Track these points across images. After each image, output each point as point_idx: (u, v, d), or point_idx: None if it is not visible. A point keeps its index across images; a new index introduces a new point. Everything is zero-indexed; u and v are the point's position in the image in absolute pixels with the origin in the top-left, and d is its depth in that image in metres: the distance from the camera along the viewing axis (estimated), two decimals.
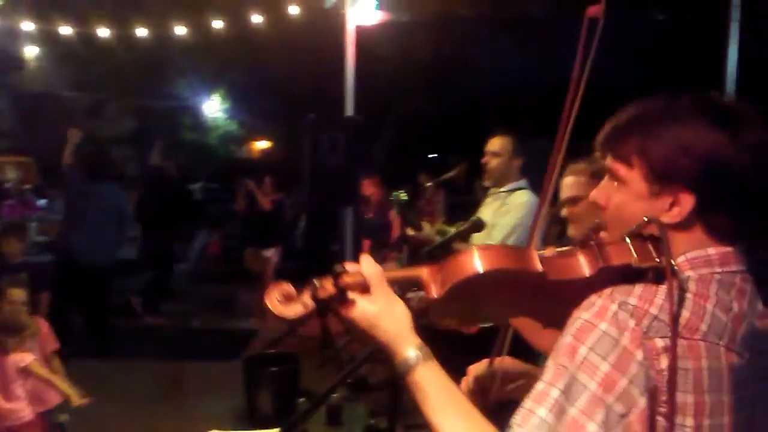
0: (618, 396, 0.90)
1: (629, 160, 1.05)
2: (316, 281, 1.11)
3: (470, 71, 9.65)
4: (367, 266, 1.09)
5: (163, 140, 9.37)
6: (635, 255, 1.00)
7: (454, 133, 11.04)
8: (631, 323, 0.94)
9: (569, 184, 2.27)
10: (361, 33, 5.78)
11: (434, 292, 1.05)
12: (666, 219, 1.01)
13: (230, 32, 6.57)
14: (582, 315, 0.97)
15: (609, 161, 1.10)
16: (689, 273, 1.00)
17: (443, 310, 1.10)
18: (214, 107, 16.37)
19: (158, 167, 8.34)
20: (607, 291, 0.98)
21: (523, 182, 3.59)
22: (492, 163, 3.54)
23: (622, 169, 1.06)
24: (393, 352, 1.06)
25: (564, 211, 2.28)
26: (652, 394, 0.91)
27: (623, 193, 1.07)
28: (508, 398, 1.41)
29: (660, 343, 0.92)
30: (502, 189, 3.58)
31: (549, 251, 1.08)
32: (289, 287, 1.14)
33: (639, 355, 0.91)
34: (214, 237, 10.13)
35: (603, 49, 1.27)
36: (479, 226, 2.43)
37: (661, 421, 0.92)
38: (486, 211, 3.51)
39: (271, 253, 7.43)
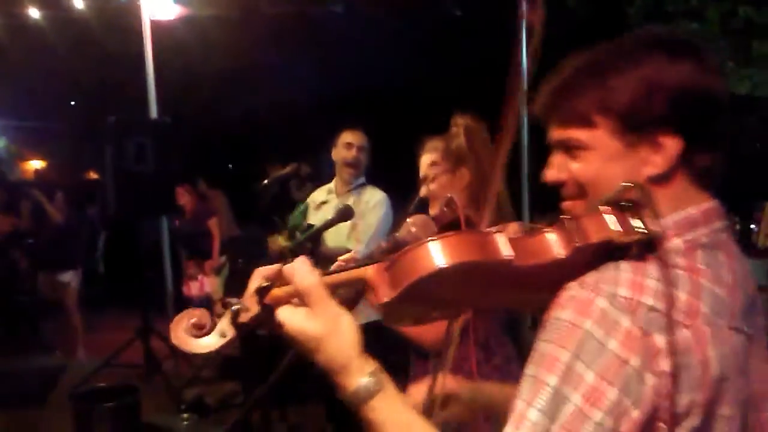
0: (607, 410, 0.77)
1: (589, 119, 0.92)
2: (235, 302, 0.90)
3: (272, 71, 9.44)
4: (301, 272, 0.87)
5: None
6: (616, 228, 0.84)
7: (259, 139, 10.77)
8: (625, 322, 0.80)
9: (426, 163, 2.22)
10: (161, 29, 5.36)
11: (384, 295, 0.85)
12: (650, 171, 0.90)
13: None
14: (561, 315, 0.83)
15: (558, 132, 0.96)
16: (676, 241, 0.88)
17: (395, 313, 0.91)
18: None
19: None
20: (590, 280, 0.84)
21: (363, 178, 3.57)
22: (361, 157, 3.49)
23: (581, 134, 0.93)
24: (341, 382, 0.86)
25: (423, 191, 2.22)
26: (648, 404, 0.78)
27: (590, 161, 0.93)
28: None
29: (659, 339, 0.79)
30: (348, 188, 3.52)
31: (513, 230, 0.94)
32: (200, 314, 0.90)
33: (634, 360, 0.78)
34: None
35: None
36: (348, 214, 2.28)
37: (662, 428, 0.80)
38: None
39: (69, 278, 6.47)
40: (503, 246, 0.83)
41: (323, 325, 0.85)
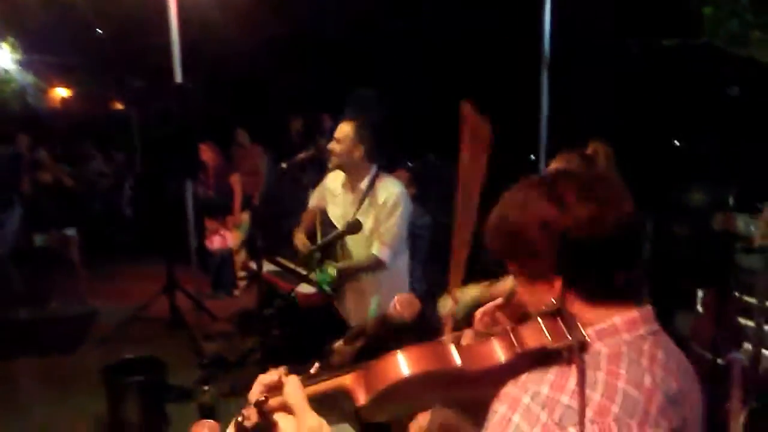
0: None
1: (503, 261, 1.14)
2: (242, 412, 1.11)
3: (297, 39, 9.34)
4: (289, 388, 1.08)
5: None
6: (548, 336, 1.03)
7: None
8: (543, 416, 0.96)
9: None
10: None
11: (361, 398, 1.06)
12: (553, 298, 1.06)
13: None
14: (498, 407, 1.01)
15: None
16: (599, 346, 1.04)
17: (372, 412, 1.11)
18: (3, 55, 14.37)
19: None
20: (522, 379, 1.01)
21: (375, 169, 3.35)
22: (336, 149, 3.26)
23: (509, 265, 1.14)
24: None
25: None
26: None
27: (520, 284, 1.14)
28: None
29: (572, 431, 0.94)
30: (360, 183, 3.32)
31: (466, 338, 1.14)
32: (211, 426, 1.13)
33: None
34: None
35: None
36: (356, 227, 2.43)
37: None
38: (345, 207, 3.34)
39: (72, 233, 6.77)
40: (455, 355, 1.04)
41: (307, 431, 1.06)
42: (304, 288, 3.26)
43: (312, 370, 1.15)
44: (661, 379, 1.04)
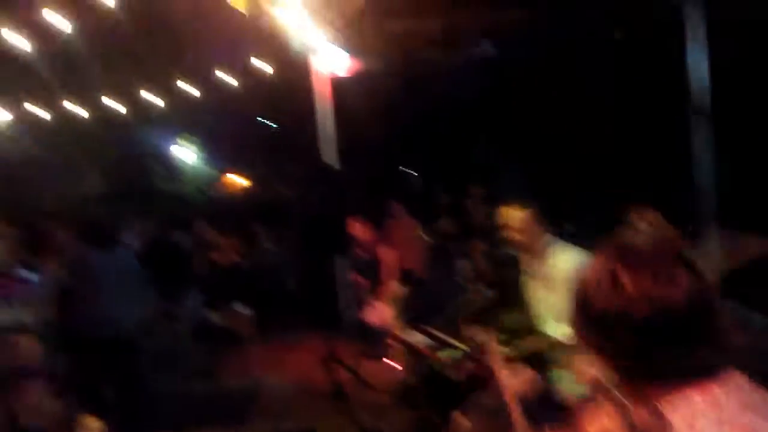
0: None
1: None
2: None
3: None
4: None
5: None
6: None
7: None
8: None
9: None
10: (333, 81, 5.86)
11: None
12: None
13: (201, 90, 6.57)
14: None
15: None
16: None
17: None
18: (185, 153, 16.30)
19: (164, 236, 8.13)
20: None
21: (548, 238, 3.26)
22: (516, 238, 3.25)
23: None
24: None
25: None
26: None
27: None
28: None
29: None
30: (542, 260, 3.26)
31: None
32: None
33: None
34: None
35: None
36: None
37: None
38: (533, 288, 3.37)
39: (245, 310, 7.32)
40: None
41: None
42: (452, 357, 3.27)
43: None
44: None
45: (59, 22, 5.66)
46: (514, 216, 3.24)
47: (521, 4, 6.09)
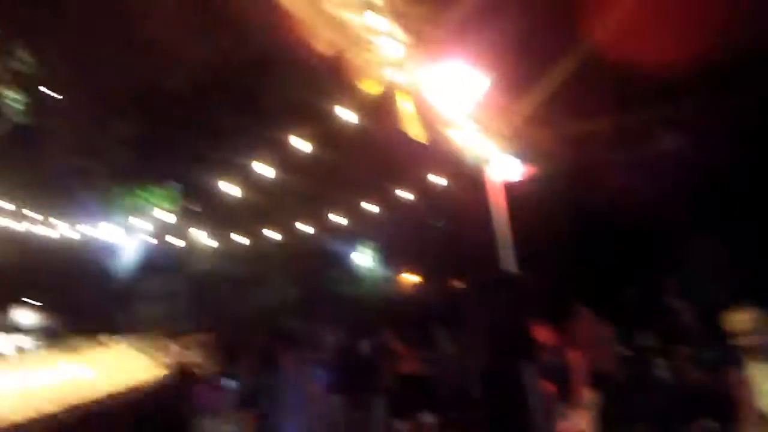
0: None
1: None
2: None
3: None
4: None
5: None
6: None
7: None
8: None
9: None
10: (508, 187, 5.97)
11: None
12: None
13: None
14: None
15: None
16: None
17: None
18: (364, 258, 17.14)
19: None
20: None
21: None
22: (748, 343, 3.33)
23: None
24: None
25: None
26: None
27: None
28: None
29: None
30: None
31: None
32: None
33: None
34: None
35: None
36: None
37: None
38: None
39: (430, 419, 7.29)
40: None
41: None
42: None
43: None
44: None
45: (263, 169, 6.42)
46: (743, 320, 3.18)
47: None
